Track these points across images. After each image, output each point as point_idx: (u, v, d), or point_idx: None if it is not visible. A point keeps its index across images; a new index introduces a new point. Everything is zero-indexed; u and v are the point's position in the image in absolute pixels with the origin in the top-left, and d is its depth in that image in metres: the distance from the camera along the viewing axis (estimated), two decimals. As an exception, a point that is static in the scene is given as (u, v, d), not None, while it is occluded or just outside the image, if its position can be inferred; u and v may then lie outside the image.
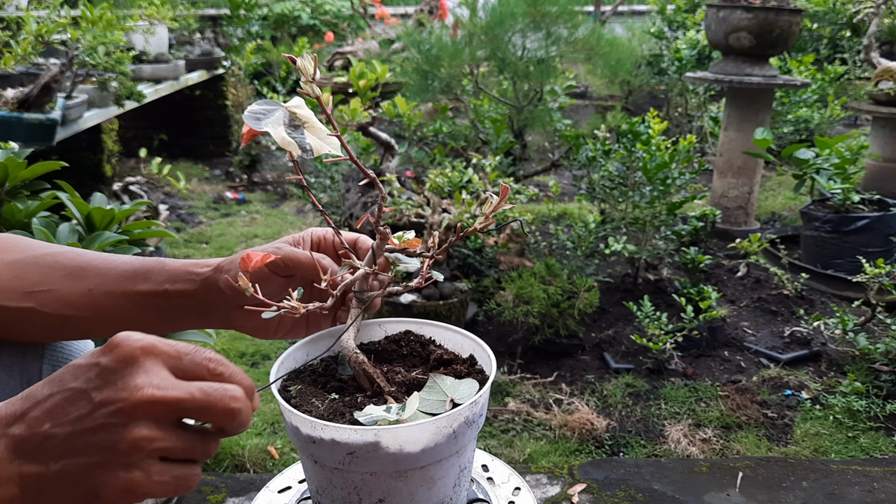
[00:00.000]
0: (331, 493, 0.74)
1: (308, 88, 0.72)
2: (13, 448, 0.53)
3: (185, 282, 0.78)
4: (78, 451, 0.53)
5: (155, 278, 0.78)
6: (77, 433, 0.53)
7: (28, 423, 0.54)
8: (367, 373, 0.78)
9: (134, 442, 0.53)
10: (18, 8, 3.41)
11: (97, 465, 0.53)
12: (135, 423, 0.53)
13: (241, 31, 5.88)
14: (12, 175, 1.45)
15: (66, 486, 0.53)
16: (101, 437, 0.53)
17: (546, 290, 2.38)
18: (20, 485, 0.53)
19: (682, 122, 5.18)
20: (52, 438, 0.53)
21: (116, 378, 0.54)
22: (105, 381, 0.54)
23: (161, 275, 0.78)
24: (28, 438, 0.53)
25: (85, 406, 0.54)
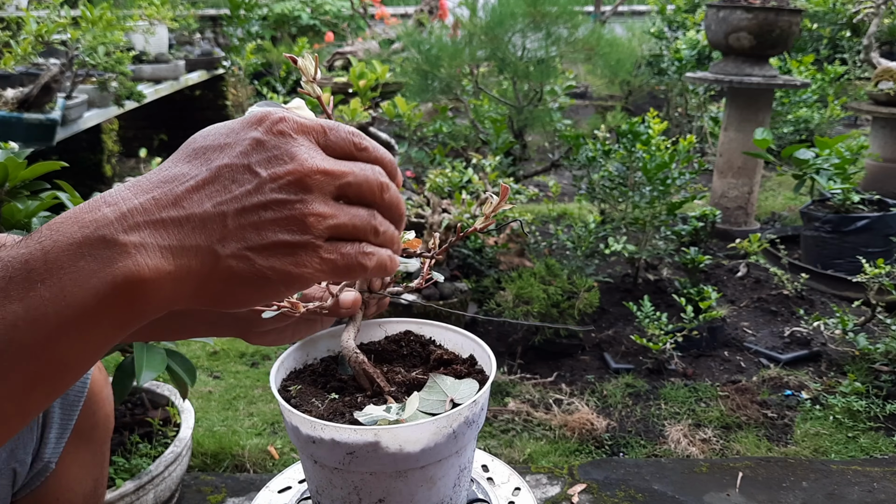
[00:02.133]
0: (331, 493, 0.74)
1: (309, 88, 0.72)
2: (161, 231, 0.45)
3: None
4: (250, 228, 0.48)
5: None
6: (247, 210, 0.48)
7: (179, 205, 0.47)
8: (367, 373, 0.78)
9: (309, 217, 0.49)
10: (18, 8, 3.41)
11: (270, 245, 0.48)
12: (307, 196, 0.49)
13: (241, 31, 5.88)
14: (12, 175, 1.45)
15: (241, 269, 0.48)
16: (276, 213, 0.48)
17: (546, 290, 2.38)
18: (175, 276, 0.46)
19: (682, 122, 5.18)
20: (220, 217, 0.47)
21: (279, 152, 0.49)
22: (267, 156, 0.49)
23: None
24: (185, 219, 0.46)
25: (250, 180, 0.48)
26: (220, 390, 2.29)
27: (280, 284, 0.49)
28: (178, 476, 1.57)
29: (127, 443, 1.56)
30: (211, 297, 0.48)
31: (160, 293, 0.45)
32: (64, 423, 0.94)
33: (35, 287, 0.41)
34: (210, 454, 1.89)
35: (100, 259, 0.42)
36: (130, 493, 1.42)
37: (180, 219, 0.46)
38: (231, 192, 0.48)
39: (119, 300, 0.43)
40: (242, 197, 0.48)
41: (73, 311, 0.41)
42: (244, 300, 0.49)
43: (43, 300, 0.41)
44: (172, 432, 1.61)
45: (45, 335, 0.41)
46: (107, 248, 0.43)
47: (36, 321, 0.41)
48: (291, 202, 0.49)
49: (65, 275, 0.42)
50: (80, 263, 0.42)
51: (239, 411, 2.16)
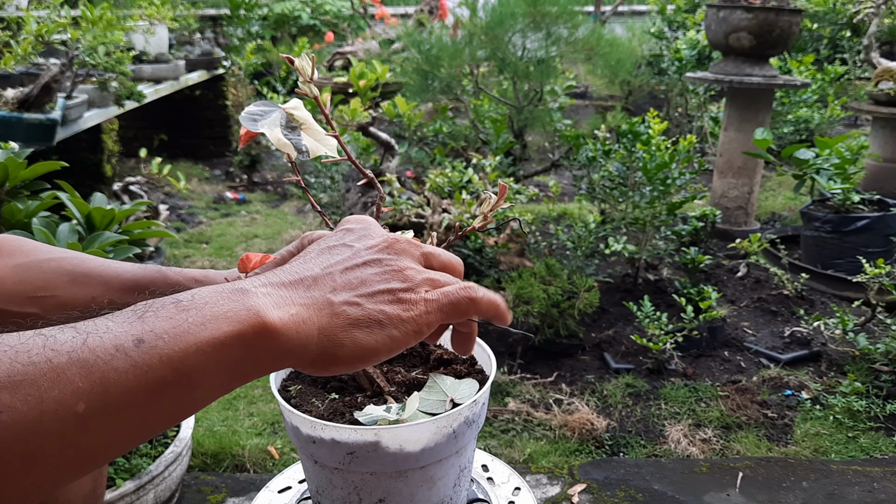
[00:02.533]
0: (331, 493, 0.74)
1: (306, 89, 0.72)
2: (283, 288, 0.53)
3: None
4: (356, 283, 0.54)
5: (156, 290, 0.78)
6: (350, 268, 0.55)
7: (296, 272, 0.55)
8: (366, 372, 0.78)
9: (407, 270, 0.56)
10: (18, 8, 3.41)
11: (376, 293, 0.54)
12: (400, 257, 0.57)
13: (241, 31, 5.88)
14: (12, 175, 1.45)
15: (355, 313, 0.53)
16: (376, 269, 0.56)
17: (546, 290, 2.38)
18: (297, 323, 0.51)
19: (682, 122, 5.18)
20: (328, 277, 0.54)
21: (367, 233, 0.59)
22: (358, 236, 0.59)
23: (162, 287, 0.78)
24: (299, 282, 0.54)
25: (348, 251, 0.57)
26: (220, 390, 2.29)
27: (394, 329, 0.54)
28: (178, 476, 1.57)
29: (127, 443, 1.55)
30: (333, 342, 0.53)
31: (285, 334, 0.51)
32: (64, 423, 0.94)
33: (181, 313, 0.48)
34: (210, 454, 1.89)
35: (237, 300, 0.50)
36: (130, 492, 1.41)
37: (297, 280, 0.54)
38: (334, 259, 0.56)
39: (248, 334, 0.49)
40: (345, 261, 0.56)
41: (209, 335, 0.48)
42: (366, 346, 0.54)
43: (187, 322, 0.48)
44: (172, 432, 1.61)
45: (183, 348, 0.47)
46: (244, 295, 0.51)
47: (178, 336, 0.47)
48: (388, 261, 0.57)
49: (207, 307, 0.49)
50: (221, 302, 0.50)
51: (239, 411, 2.16)
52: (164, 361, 0.46)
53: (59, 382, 0.43)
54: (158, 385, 0.46)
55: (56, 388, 0.42)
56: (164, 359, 0.46)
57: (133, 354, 0.45)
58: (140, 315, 0.48)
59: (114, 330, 0.46)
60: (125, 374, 0.45)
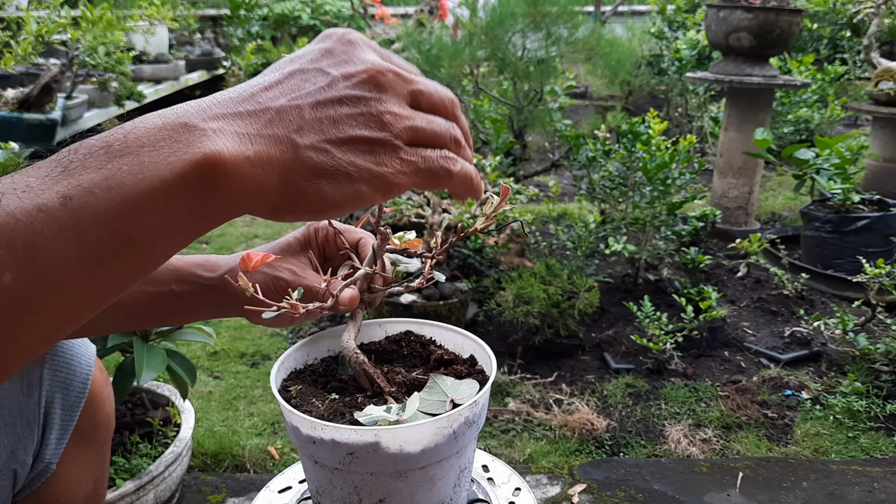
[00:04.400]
0: (331, 494, 0.74)
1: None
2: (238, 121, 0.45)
3: (190, 284, 0.78)
4: (326, 122, 0.47)
5: (158, 277, 0.78)
6: (322, 104, 0.47)
7: (256, 101, 0.47)
8: (367, 373, 0.78)
9: (385, 115, 0.48)
10: (18, 8, 3.41)
11: (348, 139, 0.47)
12: (383, 95, 0.49)
13: (242, 31, 5.89)
14: (13, 175, 1.45)
15: (321, 161, 0.46)
16: (352, 108, 0.48)
17: (546, 291, 2.38)
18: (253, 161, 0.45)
19: (682, 122, 5.18)
20: (295, 110, 0.47)
21: (349, 56, 0.50)
22: (337, 60, 0.49)
23: (165, 274, 0.78)
24: (262, 111, 0.46)
25: (323, 79, 0.48)
26: (220, 390, 2.29)
27: (363, 184, 0.48)
28: (178, 476, 1.57)
29: (127, 443, 1.56)
30: (295, 192, 0.46)
31: (240, 178, 0.44)
32: (65, 424, 0.94)
33: (114, 160, 0.41)
34: (210, 454, 1.89)
35: (180, 140, 0.42)
36: (131, 493, 1.42)
37: (257, 111, 0.46)
38: (305, 89, 0.48)
39: (197, 180, 0.42)
40: (317, 92, 0.48)
41: (149, 184, 0.41)
42: (331, 200, 0.47)
43: (121, 171, 0.41)
44: (173, 432, 1.61)
45: (119, 203, 0.40)
46: (188, 131, 0.43)
47: (111, 189, 0.40)
48: (367, 99, 0.48)
49: (144, 151, 0.42)
50: (160, 143, 0.42)
51: (239, 411, 2.16)
52: (99, 221, 0.40)
53: None
54: (96, 249, 0.40)
55: None
56: (99, 217, 0.40)
57: (60, 215, 0.39)
58: (65, 166, 0.41)
59: (34, 187, 0.39)
60: (54, 238, 0.39)
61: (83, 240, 0.39)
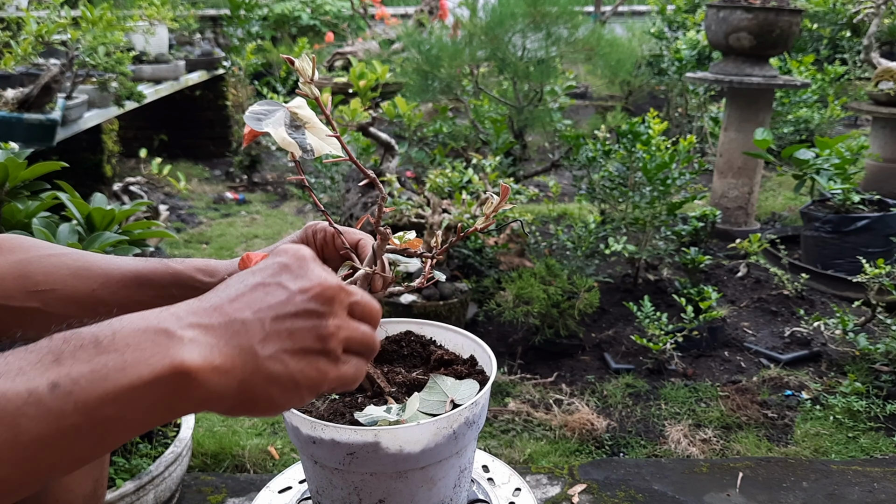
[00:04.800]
0: (331, 494, 0.74)
1: (307, 89, 0.72)
2: (209, 333, 0.52)
3: (190, 289, 0.78)
4: (284, 335, 0.54)
5: (159, 281, 0.78)
6: (281, 318, 0.54)
7: (225, 312, 0.54)
8: (367, 373, 0.78)
9: (333, 328, 0.56)
10: (18, 8, 3.41)
11: (305, 350, 0.54)
12: (332, 310, 0.56)
13: (242, 31, 5.88)
14: (12, 175, 1.45)
15: (277, 370, 0.53)
16: (305, 321, 0.55)
17: (546, 291, 2.38)
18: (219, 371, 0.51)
19: (682, 122, 5.18)
20: (258, 323, 0.53)
21: (302, 272, 0.57)
22: (294, 275, 0.57)
23: (165, 278, 0.78)
24: (228, 324, 0.53)
25: (282, 294, 0.56)
26: (220, 390, 2.29)
27: (305, 390, 0.55)
28: (178, 476, 1.57)
29: (127, 443, 1.56)
30: (250, 397, 0.53)
31: (206, 385, 0.50)
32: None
33: (101, 355, 0.47)
34: (210, 454, 1.89)
35: (160, 344, 0.49)
36: (130, 493, 1.41)
37: (224, 323, 0.53)
38: (267, 302, 0.55)
39: (170, 381, 0.48)
40: (278, 306, 0.55)
41: (129, 381, 0.47)
42: (277, 403, 0.55)
43: (106, 367, 0.47)
44: (172, 432, 1.61)
45: (100, 395, 0.46)
46: (167, 337, 0.49)
47: (95, 381, 0.46)
48: (318, 313, 0.56)
49: (128, 351, 0.48)
50: (143, 344, 0.49)
51: (239, 411, 2.16)
52: (79, 409, 0.45)
53: None
54: (70, 432, 0.45)
55: None
56: (80, 406, 0.45)
57: (47, 401, 0.44)
58: (56, 356, 0.47)
59: (27, 372, 0.45)
60: (36, 420, 0.44)
61: (61, 424, 0.45)
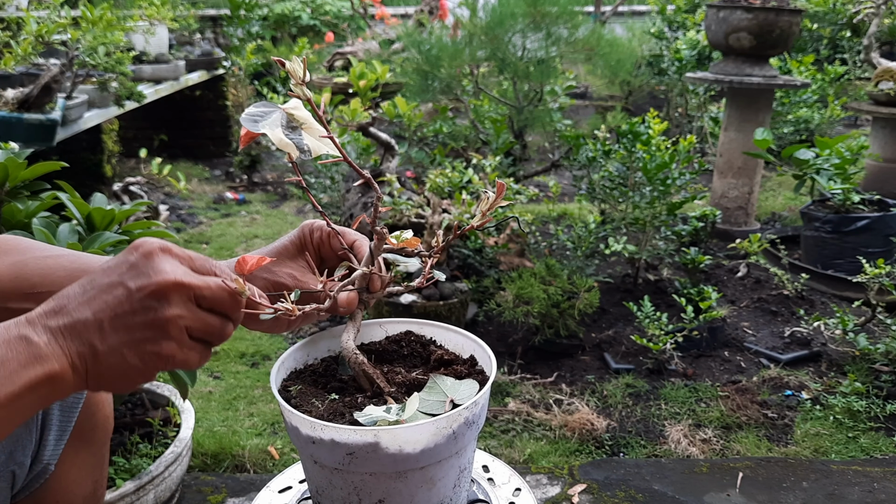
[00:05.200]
0: (331, 494, 0.74)
1: (298, 91, 0.72)
2: (60, 334, 0.61)
3: None
4: (121, 330, 0.62)
5: None
6: (119, 316, 0.62)
7: (70, 314, 0.62)
8: (366, 373, 0.78)
9: (168, 318, 0.63)
10: (18, 8, 3.41)
11: (139, 340, 0.62)
12: (167, 303, 0.63)
13: (242, 31, 5.88)
14: (12, 175, 1.45)
15: (115, 361, 0.62)
16: (141, 317, 0.62)
17: (546, 291, 2.38)
18: (72, 365, 0.61)
19: (682, 122, 5.18)
20: (98, 323, 0.62)
21: (146, 269, 0.64)
22: (137, 272, 0.64)
23: None
24: (73, 325, 0.62)
25: (122, 293, 0.63)
26: (220, 390, 2.29)
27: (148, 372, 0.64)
28: (178, 476, 1.57)
29: (127, 443, 1.56)
30: (103, 382, 0.64)
31: (65, 380, 0.61)
32: (63, 425, 0.94)
33: None
34: (210, 454, 1.89)
35: (25, 354, 0.60)
36: (130, 493, 1.41)
37: (70, 325, 0.62)
38: (107, 302, 0.63)
39: (42, 385, 0.60)
40: (116, 306, 0.63)
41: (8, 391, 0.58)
42: (124, 385, 0.65)
43: None
44: (172, 432, 1.61)
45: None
46: (28, 345, 0.60)
47: None
48: (154, 308, 0.63)
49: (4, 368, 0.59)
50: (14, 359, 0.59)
51: (239, 411, 2.16)
52: None
53: None
54: None
55: None
56: None
57: None
58: None
59: None
60: None
61: None
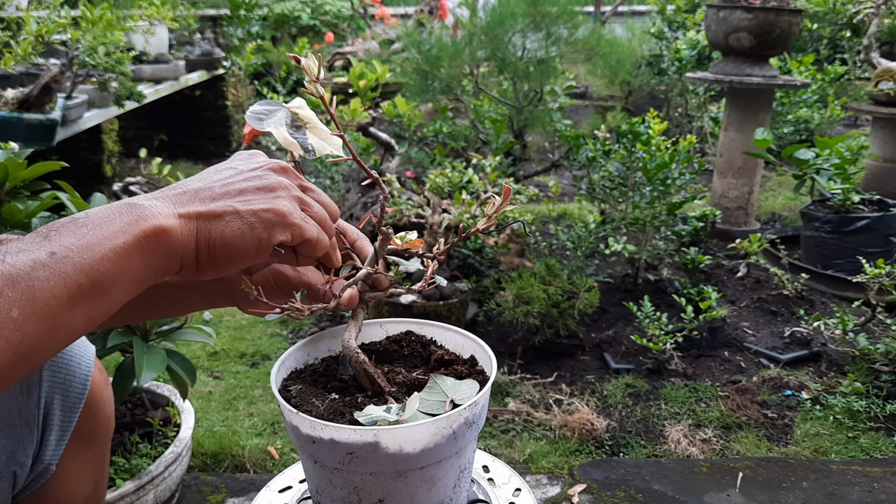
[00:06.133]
0: (331, 494, 0.74)
1: (312, 88, 0.72)
2: (167, 201, 0.62)
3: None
4: (233, 193, 0.64)
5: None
6: (230, 182, 0.65)
7: (179, 189, 0.64)
8: (367, 373, 0.78)
9: (280, 183, 0.66)
10: (18, 8, 3.41)
11: (252, 199, 0.64)
12: (278, 175, 0.67)
13: (242, 31, 5.88)
14: (12, 175, 1.45)
15: (228, 216, 0.63)
16: (253, 182, 0.65)
17: (546, 291, 2.38)
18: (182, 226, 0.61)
19: (682, 122, 5.18)
20: (208, 189, 0.64)
21: (253, 160, 0.69)
22: (245, 161, 0.69)
23: None
24: (183, 193, 0.63)
25: (231, 171, 0.67)
26: (220, 390, 2.29)
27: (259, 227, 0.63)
28: (178, 476, 1.57)
29: (127, 443, 1.56)
30: (209, 245, 0.62)
31: (172, 238, 0.60)
32: (64, 426, 0.94)
33: (81, 229, 0.56)
34: (210, 454, 1.89)
35: (131, 214, 0.59)
36: (130, 493, 1.42)
37: (180, 194, 0.63)
38: (216, 177, 0.66)
39: (147, 239, 0.58)
40: (225, 178, 0.66)
41: (111, 245, 0.56)
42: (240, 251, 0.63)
43: (88, 236, 0.56)
44: (172, 432, 1.61)
45: (90, 258, 0.55)
46: (134, 208, 0.59)
47: (83, 248, 0.55)
48: (266, 176, 0.66)
49: (105, 224, 0.57)
50: (116, 217, 0.58)
51: (239, 411, 2.16)
52: (78, 269, 0.54)
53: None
54: (76, 290, 0.54)
55: None
56: (77, 267, 0.54)
57: (50, 264, 0.53)
58: (45, 236, 0.55)
59: (26, 249, 0.54)
60: (47, 281, 0.52)
61: (67, 282, 0.53)
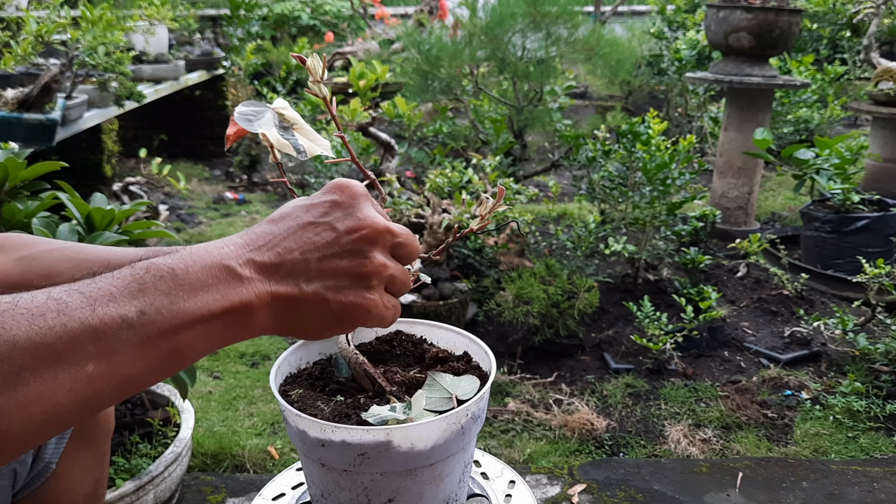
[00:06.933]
0: (338, 497, 0.74)
1: (316, 88, 0.72)
2: (263, 271, 0.58)
3: None
4: (327, 274, 0.60)
5: None
6: (327, 257, 0.60)
7: (277, 252, 0.59)
8: (368, 373, 0.78)
9: (376, 267, 0.61)
10: (18, 8, 3.41)
11: (345, 287, 0.60)
12: (376, 250, 0.62)
13: (241, 31, 5.88)
14: (12, 175, 1.45)
15: (316, 306, 0.60)
16: (350, 261, 0.61)
17: (546, 291, 2.38)
18: (271, 305, 0.58)
19: (682, 122, 5.18)
20: (305, 263, 0.60)
21: (353, 211, 0.62)
22: (344, 213, 0.62)
23: None
24: (280, 264, 0.59)
25: (330, 234, 0.61)
26: (220, 390, 2.29)
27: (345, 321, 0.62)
28: (178, 476, 1.57)
29: (127, 443, 1.56)
30: (296, 325, 0.61)
31: (260, 317, 0.58)
32: (65, 424, 0.94)
33: (178, 288, 0.54)
34: (210, 454, 1.89)
35: (227, 282, 0.56)
36: (130, 493, 1.41)
37: (276, 263, 0.59)
38: (314, 243, 0.61)
39: (235, 314, 0.56)
40: (323, 247, 0.61)
41: (201, 314, 0.54)
42: (315, 332, 0.63)
43: (183, 303, 0.54)
44: (172, 432, 1.61)
45: (178, 323, 0.53)
46: (231, 275, 0.57)
47: (174, 314, 0.53)
48: (362, 253, 0.61)
49: (199, 287, 0.55)
50: (210, 282, 0.56)
51: (239, 411, 2.16)
52: (162, 334, 0.52)
53: (73, 346, 0.48)
54: (154, 354, 0.52)
55: (70, 352, 0.48)
56: (162, 332, 0.52)
57: (136, 326, 0.51)
58: (140, 286, 0.53)
59: (117, 299, 0.52)
60: (129, 343, 0.51)
61: (147, 345, 0.52)
